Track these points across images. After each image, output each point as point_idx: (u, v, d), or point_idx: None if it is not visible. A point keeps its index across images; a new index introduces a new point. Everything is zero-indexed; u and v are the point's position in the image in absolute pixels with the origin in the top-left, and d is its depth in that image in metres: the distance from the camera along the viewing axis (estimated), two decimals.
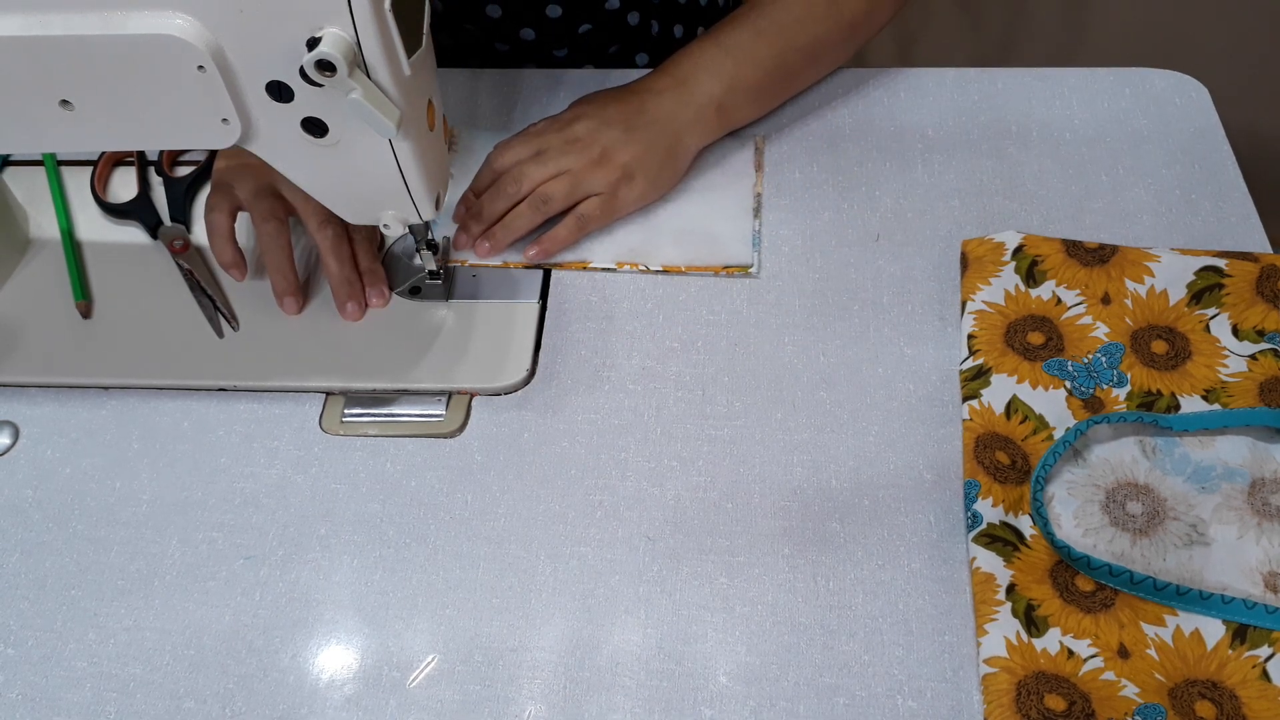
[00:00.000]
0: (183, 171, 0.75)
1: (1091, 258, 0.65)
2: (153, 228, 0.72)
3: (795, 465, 0.60)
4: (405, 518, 0.59)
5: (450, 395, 0.64)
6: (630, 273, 0.69)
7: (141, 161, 0.76)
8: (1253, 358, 0.61)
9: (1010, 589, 0.54)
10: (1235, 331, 0.62)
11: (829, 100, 0.77)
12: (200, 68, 0.49)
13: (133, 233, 0.72)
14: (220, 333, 0.67)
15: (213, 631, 0.55)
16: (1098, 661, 0.52)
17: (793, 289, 0.67)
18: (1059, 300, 0.64)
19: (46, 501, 0.61)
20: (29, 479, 0.62)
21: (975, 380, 0.61)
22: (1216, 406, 0.59)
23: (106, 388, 0.65)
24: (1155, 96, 0.76)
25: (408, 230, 0.61)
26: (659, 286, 0.68)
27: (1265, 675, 0.51)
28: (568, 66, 0.86)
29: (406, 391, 0.64)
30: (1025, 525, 0.56)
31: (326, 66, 0.48)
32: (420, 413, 0.63)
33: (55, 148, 0.56)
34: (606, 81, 0.75)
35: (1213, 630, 0.52)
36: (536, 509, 0.59)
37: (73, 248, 0.71)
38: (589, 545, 0.57)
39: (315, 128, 0.53)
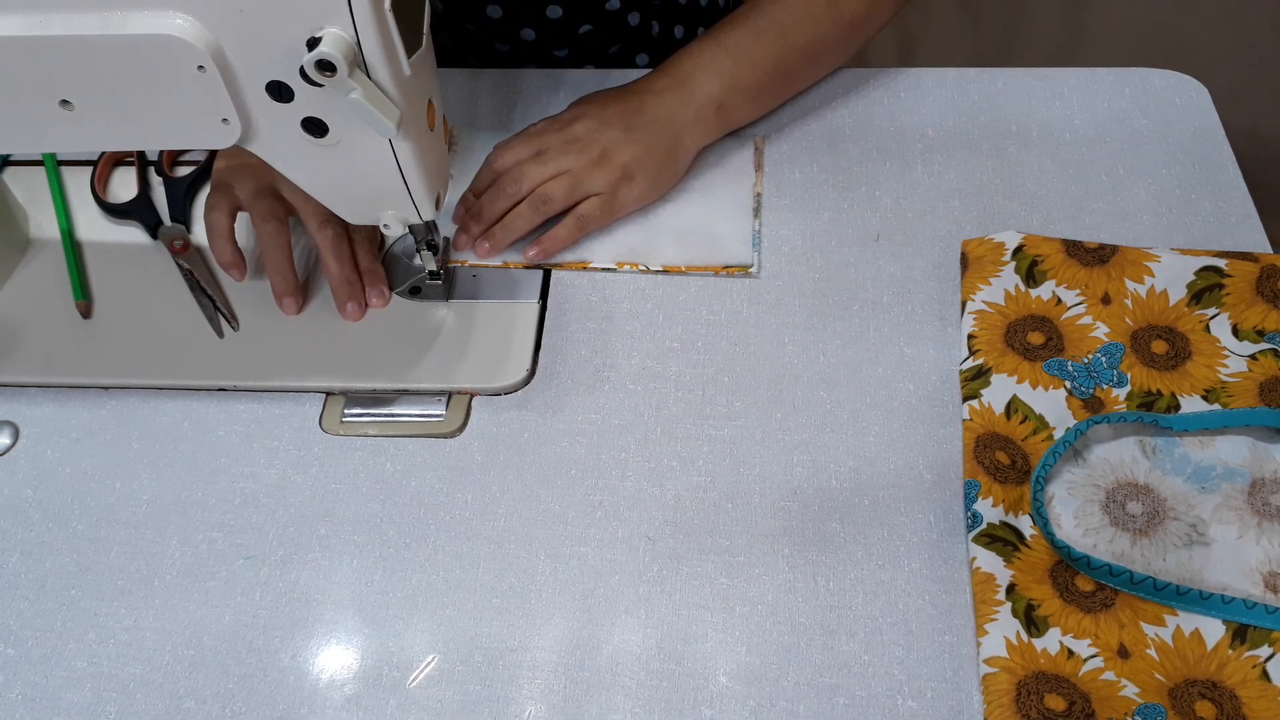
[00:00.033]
0: (183, 171, 0.75)
1: (1091, 258, 0.65)
2: (153, 228, 0.72)
3: (795, 465, 0.60)
4: (405, 518, 0.59)
5: (450, 395, 0.64)
6: (630, 273, 0.69)
7: (141, 161, 0.76)
8: (1253, 358, 0.61)
9: (1010, 589, 0.54)
10: (1235, 331, 0.62)
11: (829, 100, 0.77)
12: (200, 68, 0.49)
13: (133, 233, 0.72)
14: (220, 333, 0.67)
15: (213, 631, 0.55)
16: (1098, 661, 0.52)
17: (793, 289, 0.67)
18: (1059, 300, 0.64)
19: (46, 501, 0.61)
20: (29, 479, 0.62)
21: (975, 380, 0.61)
22: (1216, 406, 0.59)
23: (106, 388, 0.65)
24: (1155, 96, 0.76)
25: (408, 230, 0.61)
26: (659, 286, 0.68)
27: (1265, 675, 0.51)
28: (568, 67, 0.86)
29: (406, 391, 0.64)
30: (1025, 525, 0.56)
31: (326, 66, 0.48)
32: (420, 413, 0.63)
33: (55, 148, 0.56)
34: (606, 81, 0.75)
35: (1213, 630, 0.52)
36: (536, 509, 0.59)
37: (73, 248, 0.71)
38: (589, 545, 0.57)
39: (315, 128, 0.53)
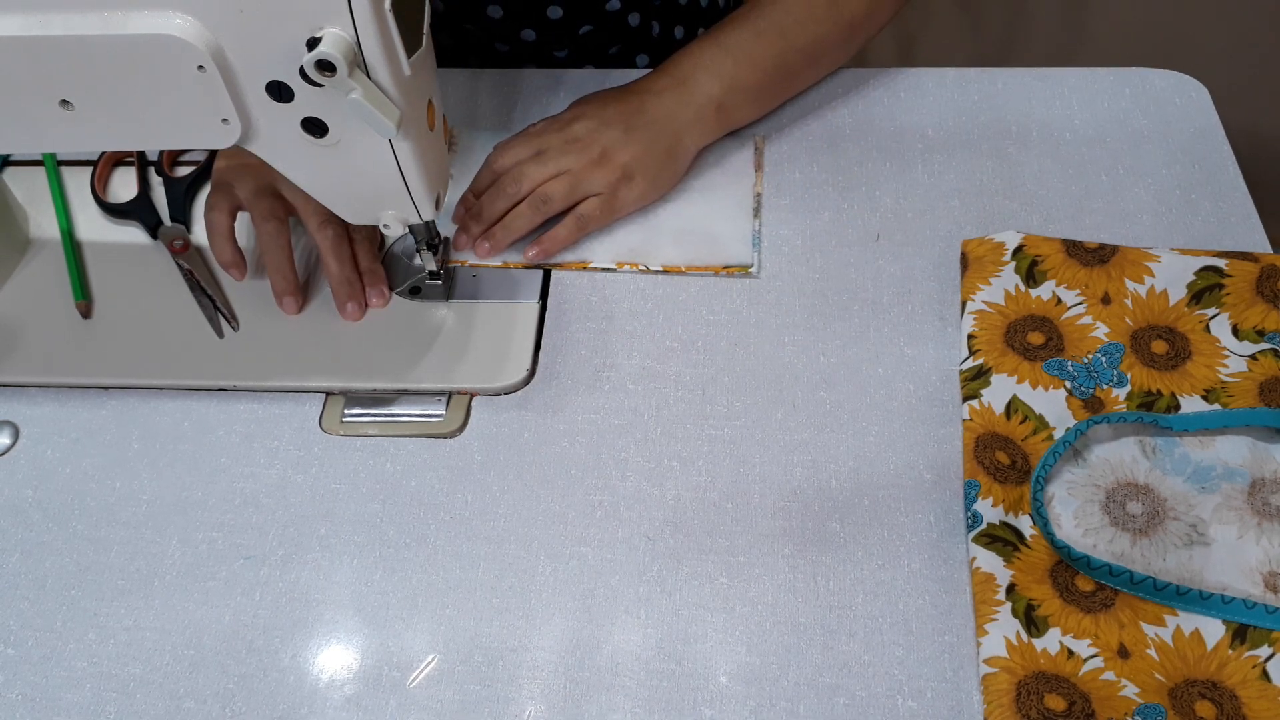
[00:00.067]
0: (183, 171, 0.75)
1: (1091, 258, 0.65)
2: (153, 228, 0.72)
3: (795, 465, 0.60)
4: (405, 518, 0.59)
5: (450, 395, 0.64)
6: (630, 273, 0.69)
7: (141, 161, 0.76)
8: (1253, 358, 0.61)
9: (1010, 589, 0.54)
10: (1235, 331, 0.62)
11: (829, 100, 0.77)
12: (200, 68, 0.49)
13: (133, 233, 0.72)
14: (220, 333, 0.67)
15: (213, 631, 0.55)
16: (1098, 661, 0.52)
17: (793, 289, 0.67)
18: (1059, 300, 0.64)
19: (46, 501, 0.61)
20: (29, 479, 0.62)
21: (975, 380, 0.61)
22: (1216, 406, 0.59)
23: (106, 388, 0.65)
24: (1155, 96, 0.76)
25: (408, 230, 0.61)
26: (659, 286, 0.68)
27: (1265, 675, 0.51)
28: (568, 67, 0.86)
29: (406, 391, 0.64)
30: (1025, 525, 0.56)
31: (326, 66, 0.48)
32: (420, 413, 0.63)
33: (55, 148, 0.56)
34: (606, 82, 0.75)
35: (1213, 630, 0.52)
36: (536, 509, 0.59)
37: (73, 248, 0.71)
38: (589, 545, 0.57)
39: (315, 128, 0.53)
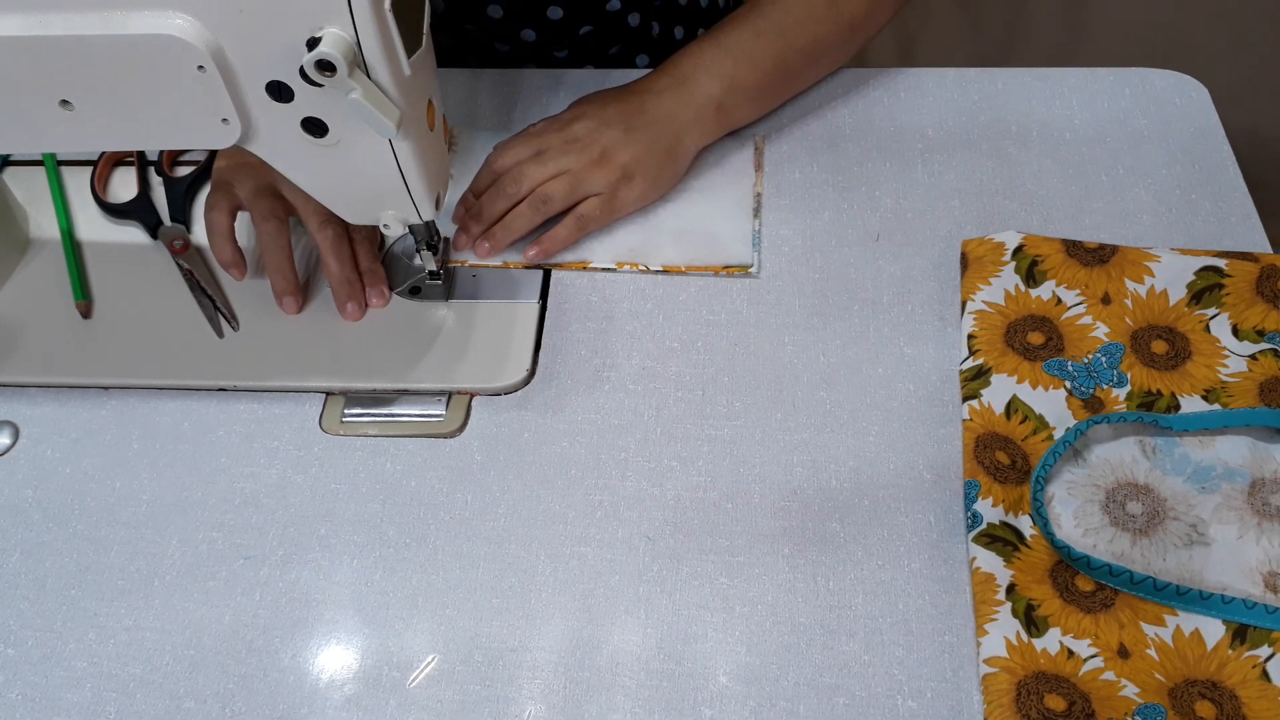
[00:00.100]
0: (183, 171, 0.75)
1: (1091, 258, 0.65)
2: (153, 228, 0.72)
3: (795, 465, 0.60)
4: (405, 518, 0.59)
5: (450, 395, 0.64)
6: (630, 273, 0.69)
7: (141, 161, 0.76)
8: (1253, 358, 0.61)
9: (1010, 589, 0.54)
10: (1235, 331, 0.62)
11: (829, 100, 0.77)
12: (200, 68, 0.49)
13: (133, 233, 0.72)
14: (220, 333, 0.67)
15: (213, 631, 0.55)
16: (1098, 661, 0.52)
17: (793, 289, 0.67)
18: (1059, 300, 0.64)
19: (46, 501, 0.61)
20: (29, 479, 0.62)
21: (975, 380, 0.61)
22: (1216, 406, 0.59)
23: (106, 388, 0.65)
24: (1155, 96, 0.76)
25: (408, 230, 0.61)
26: (659, 286, 0.68)
27: (1265, 675, 0.51)
28: (568, 67, 0.86)
29: (406, 391, 0.64)
30: (1025, 525, 0.56)
31: (326, 66, 0.48)
32: (420, 413, 0.63)
33: (55, 148, 0.56)
34: (606, 82, 0.75)
35: (1213, 630, 0.52)
36: (536, 509, 0.59)
37: (73, 248, 0.71)
38: (589, 545, 0.57)
39: (315, 128, 0.53)
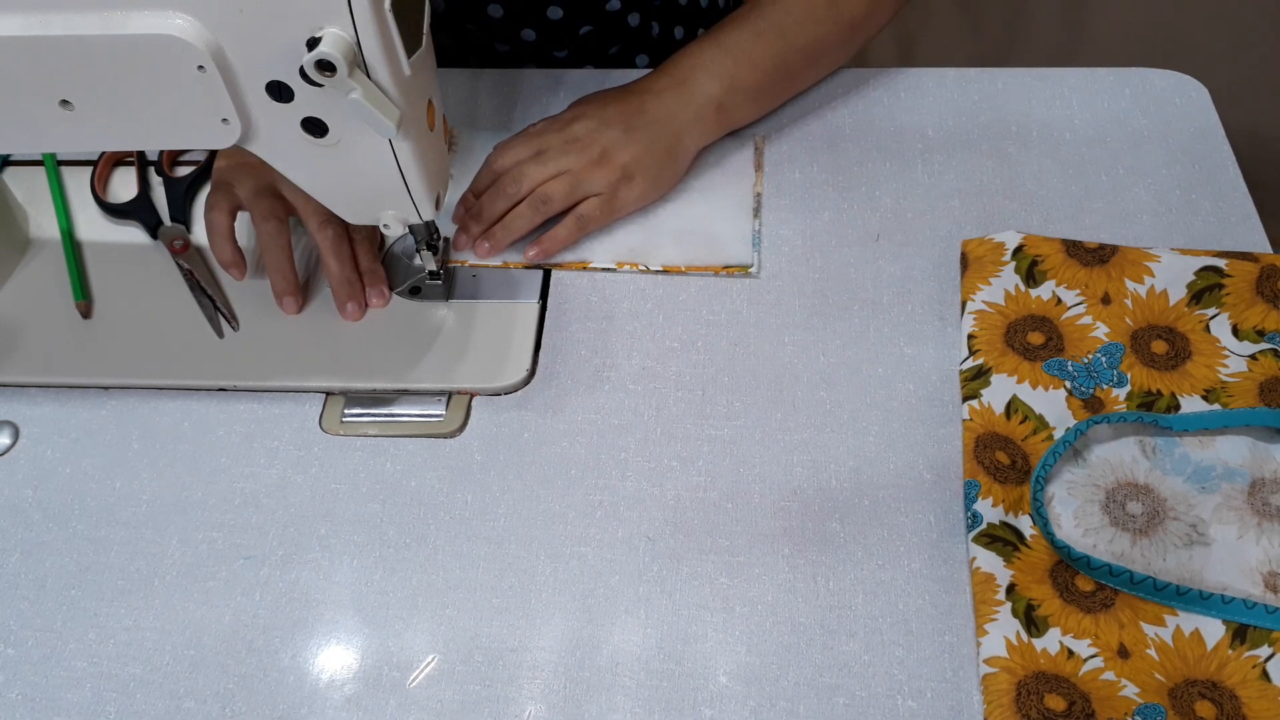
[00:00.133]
0: (183, 171, 0.75)
1: (1091, 258, 0.65)
2: (153, 228, 0.72)
3: (795, 465, 0.60)
4: (405, 518, 0.59)
5: (450, 395, 0.64)
6: (630, 273, 0.69)
7: (141, 161, 0.76)
8: (1253, 358, 0.61)
9: (1010, 589, 0.54)
10: (1235, 331, 0.62)
11: (829, 100, 0.77)
12: (200, 68, 0.49)
13: (133, 233, 0.72)
14: (220, 333, 0.67)
15: (213, 631, 0.55)
16: (1098, 661, 0.52)
17: (793, 289, 0.67)
18: (1059, 300, 0.64)
19: (46, 501, 0.61)
20: (29, 479, 0.62)
21: (975, 380, 0.61)
22: (1216, 406, 0.59)
23: (106, 388, 0.65)
24: (1155, 96, 0.76)
25: (408, 230, 0.61)
26: (659, 286, 0.68)
27: (1265, 675, 0.51)
28: (568, 67, 0.86)
29: (406, 391, 0.64)
30: (1025, 525, 0.56)
31: (326, 66, 0.48)
32: (420, 413, 0.63)
33: (55, 148, 0.56)
34: (606, 82, 0.75)
35: (1213, 630, 0.52)
36: (536, 509, 0.59)
37: (73, 248, 0.71)
38: (589, 545, 0.57)
39: (315, 128, 0.53)
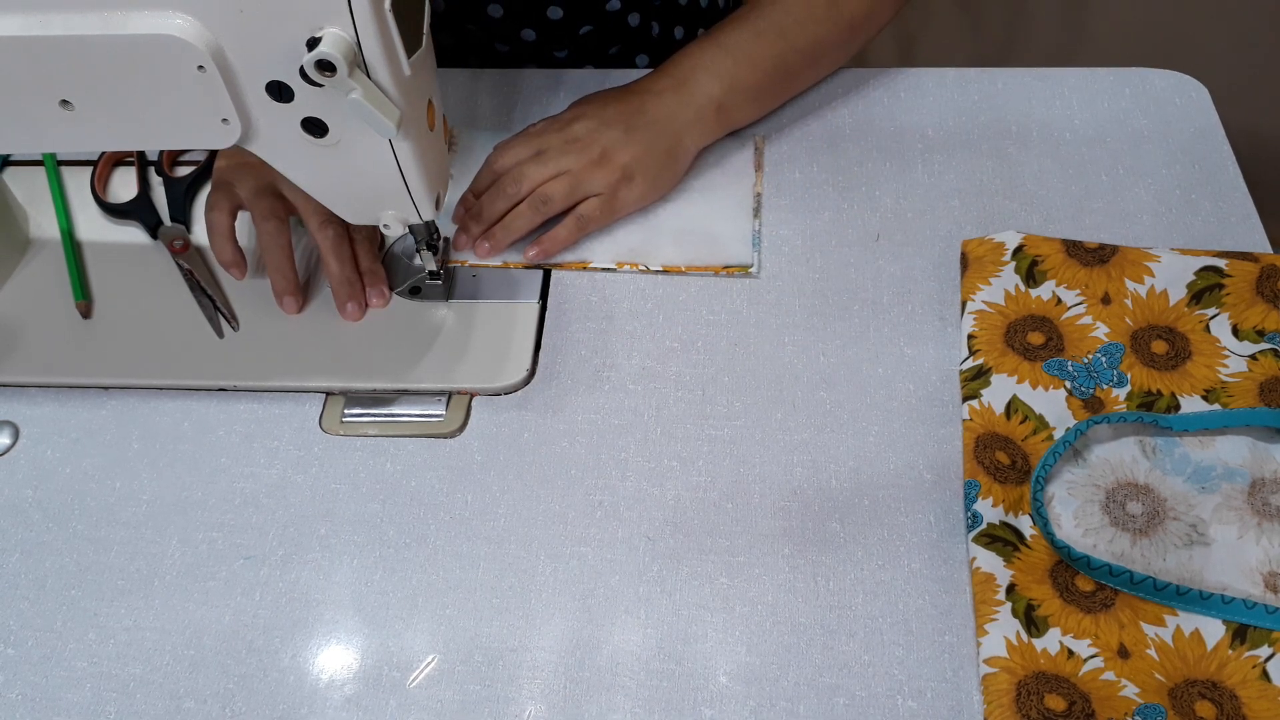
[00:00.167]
0: (183, 171, 0.75)
1: (1091, 258, 0.65)
2: (153, 228, 0.72)
3: (795, 465, 0.60)
4: (405, 518, 0.59)
5: (450, 395, 0.64)
6: (630, 273, 0.69)
7: (141, 161, 0.76)
8: (1253, 358, 0.61)
9: (1010, 589, 0.54)
10: (1235, 331, 0.62)
11: (829, 100, 0.77)
12: (200, 68, 0.49)
13: (133, 233, 0.72)
14: (220, 333, 0.67)
15: (213, 631, 0.55)
16: (1098, 661, 0.52)
17: (793, 289, 0.67)
18: (1059, 300, 0.64)
19: (46, 501, 0.61)
20: (29, 479, 0.62)
21: (975, 380, 0.61)
22: (1216, 406, 0.59)
23: (106, 388, 0.65)
24: (1155, 96, 0.76)
25: (408, 230, 0.61)
26: (659, 286, 0.68)
27: (1265, 675, 0.51)
28: (568, 67, 0.86)
29: (406, 391, 0.64)
30: (1025, 525, 0.56)
31: (326, 66, 0.48)
32: (420, 413, 0.63)
33: (55, 148, 0.56)
34: (606, 82, 0.75)
35: (1213, 630, 0.52)
36: (536, 509, 0.59)
37: (73, 248, 0.71)
38: (589, 545, 0.57)
39: (315, 128, 0.53)
